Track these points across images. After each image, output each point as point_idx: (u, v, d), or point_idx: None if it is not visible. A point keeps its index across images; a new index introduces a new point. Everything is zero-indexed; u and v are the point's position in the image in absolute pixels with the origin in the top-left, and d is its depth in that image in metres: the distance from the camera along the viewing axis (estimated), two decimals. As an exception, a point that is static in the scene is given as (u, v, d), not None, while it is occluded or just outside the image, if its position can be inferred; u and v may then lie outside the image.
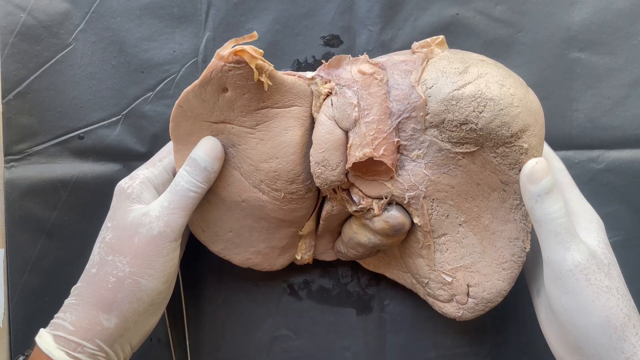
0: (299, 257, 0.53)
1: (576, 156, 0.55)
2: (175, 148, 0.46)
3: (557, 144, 0.53)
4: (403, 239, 0.49)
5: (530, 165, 0.41)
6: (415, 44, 0.45)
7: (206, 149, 0.45)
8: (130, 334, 0.44)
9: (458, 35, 0.54)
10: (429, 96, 0.42)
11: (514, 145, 0.41)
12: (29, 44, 0.53)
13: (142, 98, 0.54)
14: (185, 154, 0.46)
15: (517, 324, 0.55)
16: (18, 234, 0.54)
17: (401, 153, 0.44)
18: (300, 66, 0.54)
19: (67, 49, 0.54)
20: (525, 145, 0.41)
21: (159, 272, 0.43)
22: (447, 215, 0.46)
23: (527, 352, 0.55)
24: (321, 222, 0.50)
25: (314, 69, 0.53)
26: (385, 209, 0.46)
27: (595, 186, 0.55)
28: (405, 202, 0.45)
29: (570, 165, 0.53)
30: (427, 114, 0.42)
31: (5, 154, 0.54)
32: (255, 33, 0.41)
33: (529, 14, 0.54)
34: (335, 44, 0.54)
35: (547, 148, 0.48)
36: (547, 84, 0.54)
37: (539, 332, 0.45)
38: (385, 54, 0.51)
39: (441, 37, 0.45)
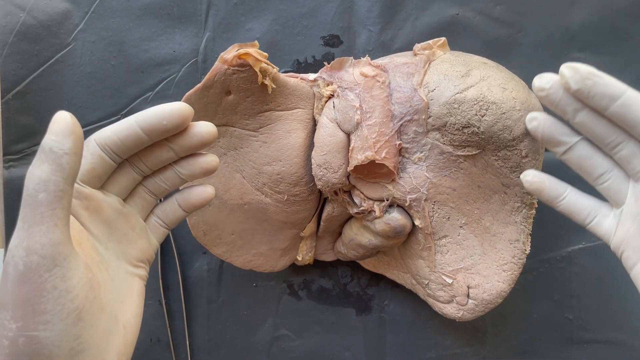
0: (300, 258, 0.53)
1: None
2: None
3: (557, 145, 0.53)
4: (404, 240, 0.49)
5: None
6: (417, 46, 0.45)
7: (52, 128, 0.30)
8: None
9: (458, 36, 0.54)
10: (431, 99, 0.42)
11: (516, 148, 0.41)
12: (29, 44, 0.53)
13: (142, 98, 0.54)
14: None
15: (517, 324, 0.56)
16: (17, 234, 0.54)
17: (403, 156, 0.44)
18: (300, 66, 0.54)
19: (67, 49, 0.53)
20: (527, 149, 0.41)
21: (56, 314, 0.31)
22: (448, 218, 0.46)
23: (527, 352, 0.56)
24: (322, 223, 0.50)
25: (314, 69, 0.53)
26: (386, 211, 0.46)
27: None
28: (406, 204, 0.45)
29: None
30: (429, 117, 0.42)
31: (4, 154, 0.54)
32: (256, 42, 0.41)
33: (529, 14, 0.54)
34: (335, 44, 0.54)
35: None
36: (547, 85, 0.54)
37: (539, 331, 0.46)
38: (385, 55, 0.51)
39: (443, 39, 0.45)
